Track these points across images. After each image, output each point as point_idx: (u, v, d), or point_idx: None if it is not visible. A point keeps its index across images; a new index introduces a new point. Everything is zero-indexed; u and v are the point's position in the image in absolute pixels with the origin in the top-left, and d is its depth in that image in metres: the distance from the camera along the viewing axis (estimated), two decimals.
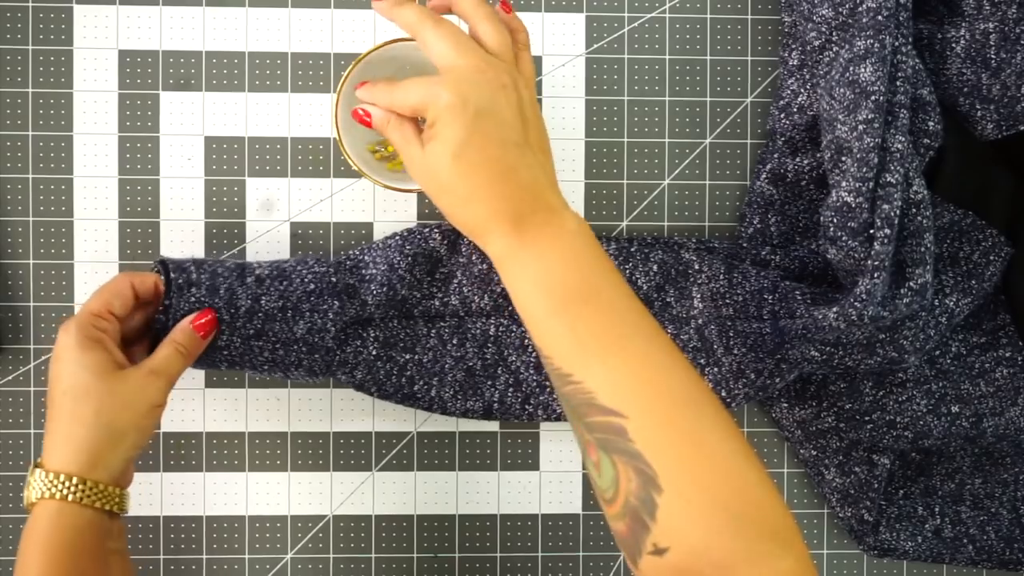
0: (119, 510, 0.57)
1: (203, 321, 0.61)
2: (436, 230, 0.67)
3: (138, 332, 0.63)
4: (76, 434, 0.55)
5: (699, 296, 0.68)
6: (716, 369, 0.66)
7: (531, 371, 0.67)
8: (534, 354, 0.67)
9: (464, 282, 0.67)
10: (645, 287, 0.68)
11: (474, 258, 0.67)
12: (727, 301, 0.67)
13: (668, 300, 0.69)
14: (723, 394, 0.66)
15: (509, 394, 0.68)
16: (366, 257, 0.66)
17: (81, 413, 0.55)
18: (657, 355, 0.51)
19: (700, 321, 0.67)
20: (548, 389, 0.67)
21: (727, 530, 0.47)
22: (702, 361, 0.67)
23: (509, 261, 0.54)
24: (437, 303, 0.67)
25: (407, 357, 0.67)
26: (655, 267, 0.68)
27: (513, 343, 0.67)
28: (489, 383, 0.68)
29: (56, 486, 0.55)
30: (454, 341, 0.67)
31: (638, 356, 0.51)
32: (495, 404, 0.68)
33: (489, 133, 0.52)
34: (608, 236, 0.70)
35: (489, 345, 0.67)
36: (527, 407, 0.68)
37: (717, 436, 0.49)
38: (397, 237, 0.67)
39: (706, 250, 0.69)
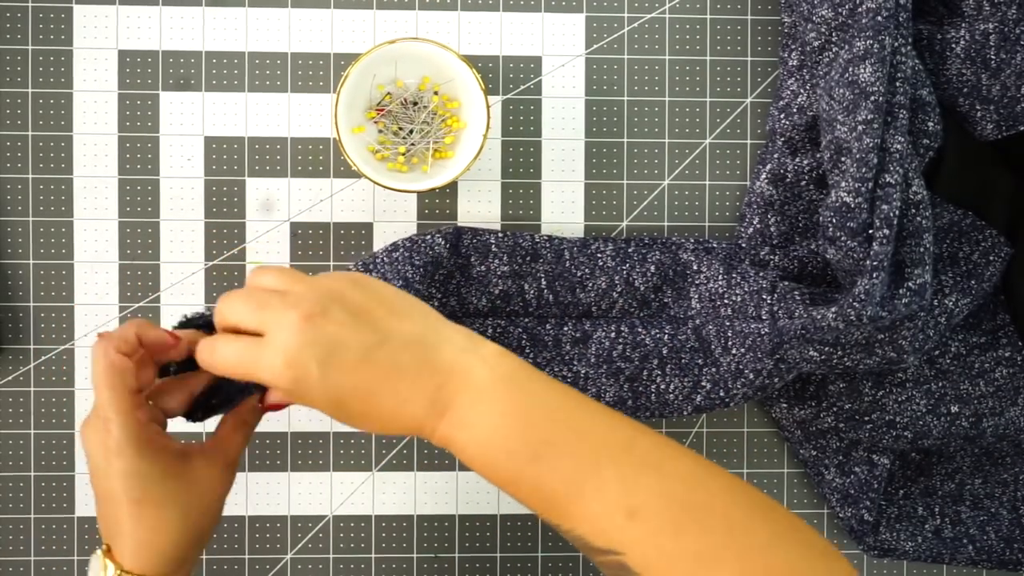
0: None
1: (275, 402, 0.55)
2: (438, 235, 0.67)
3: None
4: (161, 542, 0.52)
5: (696, 296, 0.68)
6: (714, 369, 0.66)
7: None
8: (531, 354, 0.67)
9: (462, 282, 0.67)
10: (642, 288, 0.68)
11: (472, 259, 0.67)
12: (725, 301, 0.67)
13: (666, 300, 0.69)
14: (721, 394, 0.66)
15: None
16: (374, 273, 0.66)
17: (166, 522, 0.52)
18: (630, 470, 0.47)
19: (698, 321, 0.67)
20: None
21: None
22: (700, 361, 0.67)
23: (452, 448, 0.49)
24: (435, 304, 0.67)
25: None
26: (652, 268, 0.68)
27: (510, 344, 0.67)
28: None
29: None
30: None
31: (611, 484, 0.47)
32: None
33: (340, 364, 0.47)
34: (606, 237, 0.70)
35: None
36: None
37: (721, 532, 0.45)
38: (402, 249, 0.66)
39: (704, 250, 0.69)
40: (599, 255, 0.68)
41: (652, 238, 0.70)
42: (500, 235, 0.68)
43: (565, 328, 0.67)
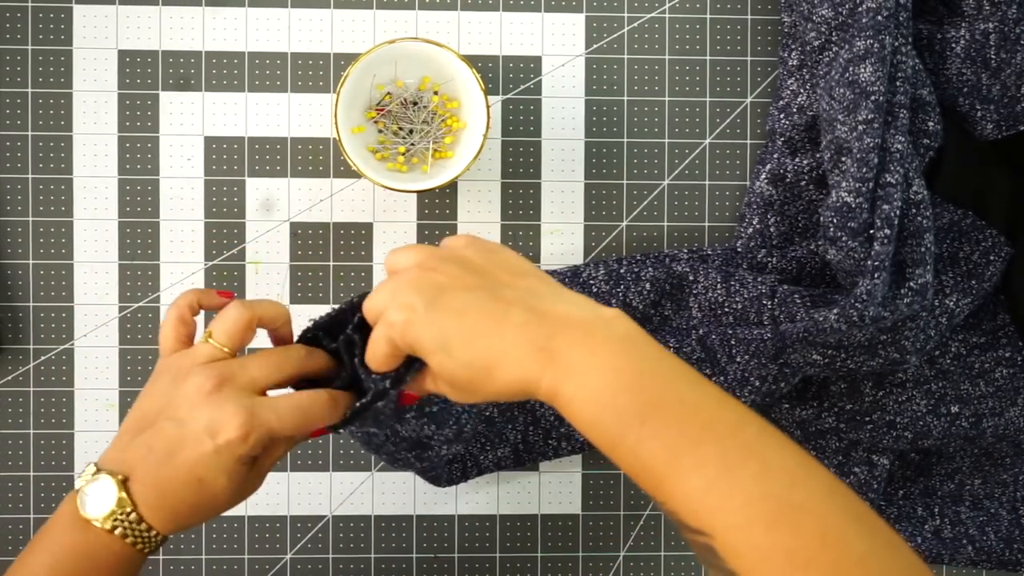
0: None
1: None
2: None
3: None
4: (182, 511, 0.50)
5: (696, 306, 0.68)
6: (722, 378, 0.66)
7: (546, 407, 0.67)
8: None
9: None
10: (641, 307, 0.68)
11: None
12: (726, 309, 0.67)
13: (666, 314, 0.69)
14: None
15: (530, 432, 0.69)
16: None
17: (202, 503, 0.51)
18: (733, 453, 0.45)
19: (701, 332, 0.67)
20: (567, 421, 0.66)
21: None
22: (707, 372, 0.67)
23: (557, 402, 0.47)
24: None
25: (433, 428, 0.64)
26: (647, 285, 0.68)
27: None
28: (509, 426, 0.68)
29: (133, 530, 0.49)
30: None
31: (710, 463, 0.45)
32: (520, 445, 0.68)
33: (446, 305, 0.47)
34: (596, 261, 0.70)
35: None
36: (550, 442, 0.69)
37: (815, 536, 0.44)
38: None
39: (699, 259, 0.69)
40: (592, 282, 0.68)
41: (644, 254, 0.70)
42: None
43: None
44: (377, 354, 0.49)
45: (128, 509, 0.49)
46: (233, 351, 0.53)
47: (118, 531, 0.49)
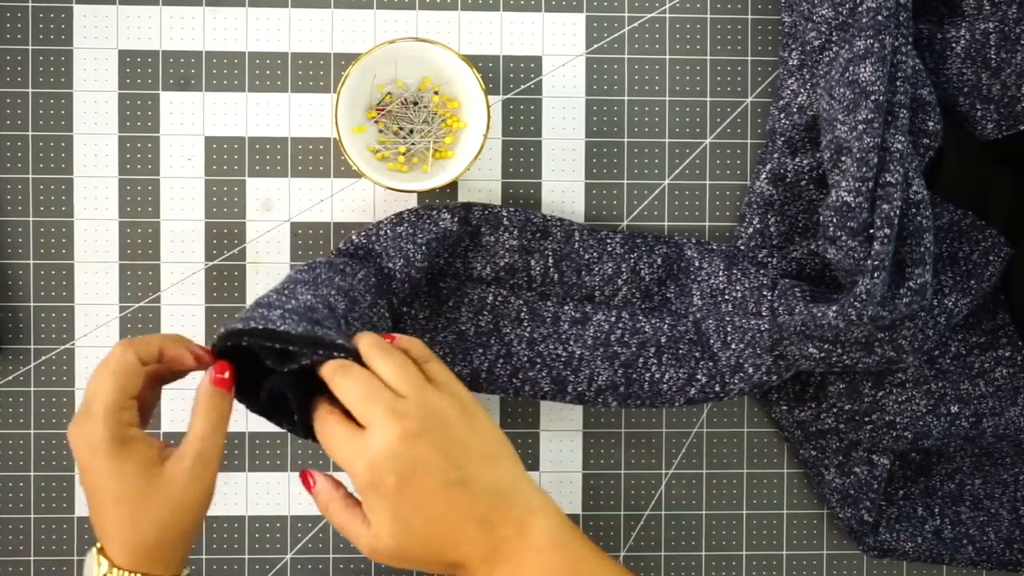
0: None
1: (224, 376, 0.55)
2: (444, 210, 0.67)
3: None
4: (143, 539, 0.53)
5: (699, 293, 0.68)
6: (711, 363, 0.67)
7: (523, 345, 0.67)
8: (528, 328, 0.67)
9: (470, 247, 0.68)
10: (647, 279, 0.69)
11: (483, 229, 0.67)
12: (726, 297, 0.67)
13: (668, 295, 0.69)
14: (716, 388, 0.66)
15: (499, 365, 0.68)
16: (376, 247, 0.66)
17: (146, 520, 0.53)
18: None
19: (698, 315, 0.68)
20: (538, 366, 0.67)
21: None
22: (696, 354, 0.67)
23: None
24: (441, 262, 0.68)
25: (403, 311, 0.67)
26: (659, 260, 0.69)
27: (509, 315, 0.68)
28: (480, 351, 0.68)
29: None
30: (450, 303, 0.68)
31: None
32: (483, 373, 0.67)
33: (418, 486, 0.51)
34: (616, 230, 0.70)
35: (485, 312, 0.68)
36: (514, 381, 0.67)
37: None
38: (407, 224, 0.66)
39: (707, 249, 0.70)
40: (608, 241, 0.69)
41: (656, 236, 0.70)
42: (512, 209, 0.68)
43: (566, 307, 0.68)
44: (324, 443, 0.54)
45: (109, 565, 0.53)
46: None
47: None
